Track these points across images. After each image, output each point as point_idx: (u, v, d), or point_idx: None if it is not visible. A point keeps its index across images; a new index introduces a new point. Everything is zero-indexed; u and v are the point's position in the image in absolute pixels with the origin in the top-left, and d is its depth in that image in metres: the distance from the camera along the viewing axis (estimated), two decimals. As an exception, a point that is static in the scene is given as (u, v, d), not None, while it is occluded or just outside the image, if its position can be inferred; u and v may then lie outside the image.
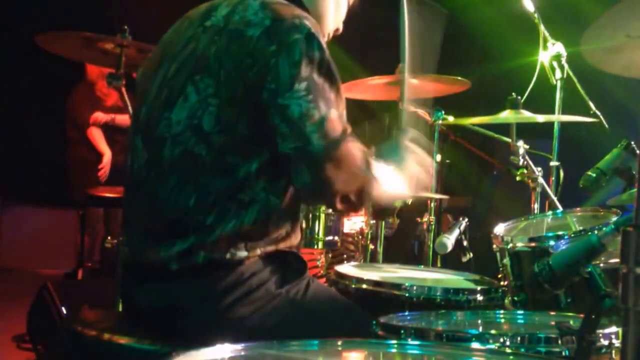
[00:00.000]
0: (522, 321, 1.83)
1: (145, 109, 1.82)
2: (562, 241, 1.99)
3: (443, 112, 3.36)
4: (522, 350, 1.44)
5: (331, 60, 1.71)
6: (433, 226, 3.40)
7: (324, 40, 1.72)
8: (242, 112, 1.66)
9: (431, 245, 3.32)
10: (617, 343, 1.42)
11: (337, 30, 2.00)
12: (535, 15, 3.15)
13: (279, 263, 1.77)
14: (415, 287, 2.01)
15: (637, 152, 2.53)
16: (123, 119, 5.33)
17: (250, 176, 1.68)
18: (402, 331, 1.52)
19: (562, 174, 3.28)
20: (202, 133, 1.68)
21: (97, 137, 5.55)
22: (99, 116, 5.51)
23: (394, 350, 1.33)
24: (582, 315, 1.37)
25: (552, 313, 1.79)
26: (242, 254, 1.70)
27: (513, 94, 2.92)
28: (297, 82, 1.63)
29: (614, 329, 1.43)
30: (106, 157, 5.52)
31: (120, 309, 2.81)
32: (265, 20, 1.68)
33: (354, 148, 1.72)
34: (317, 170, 1.66)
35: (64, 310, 3.08)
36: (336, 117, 1.69)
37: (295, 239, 1.83)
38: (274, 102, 1.64)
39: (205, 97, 1.68)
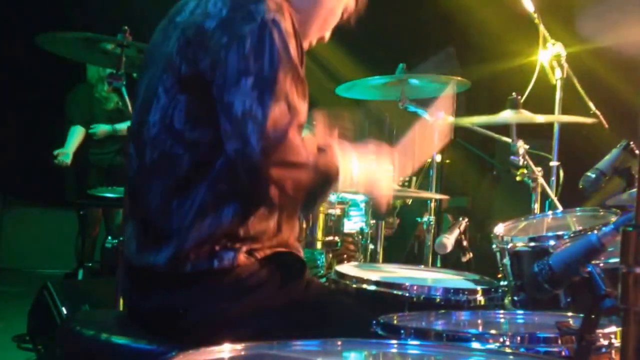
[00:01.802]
0: (522, 321, 1.83)
1: (135, 114, 1.84)
2: (561, 241, 1.99)
3: (443, 112, 3.36)
4: (522, 350, 1.44)
5: (290, 43, 1.63)
6: (433, 226, 3.40)
7: (286, 24, 1.65)
8: (210, 106, 1.63)
9: (431, 245, 3.32)
10: (616, 343, 1.42)
11: (321, 38, 1.94)
12: (535, 15, 3.15)
13: (277, 264, 1.76)
14: (415, 287, 2.01)
15: (637, 152, 2.53)
16: (123, 128, 5.31)
17: (226, 166, 1.66)
18: (402, 331, 1.52)
19: (562, 174, 3.28)
20: (175, 132, 1.68)
21: (76, 135, 5.46)
22: (101, 130, 5.48)
23: (394, 350, 1.33)
24: (581, 315, 1.37)
25: (552, 313, 1.79)
26: (228, 256, 1.68)
27: (513, 93, 2.92)
28: (244, 76, 1.59)
29: (613, 328, 1.43)
30: (64, 154, 5.38)
31: (121, 308, 2.82)
32: (222, 11, 1.66)
33: (297, 140, 1.62)
34: (253, 174, 1.60)
35: (64, 310, 3.08)
36: (282, 112, 1.60)
37: (289, 237, 1.80)
38: (220, 98, 1.61)
39: (173, 95, 1.68)
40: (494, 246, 2.22)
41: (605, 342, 1.41)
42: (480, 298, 2.02)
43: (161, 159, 1.70)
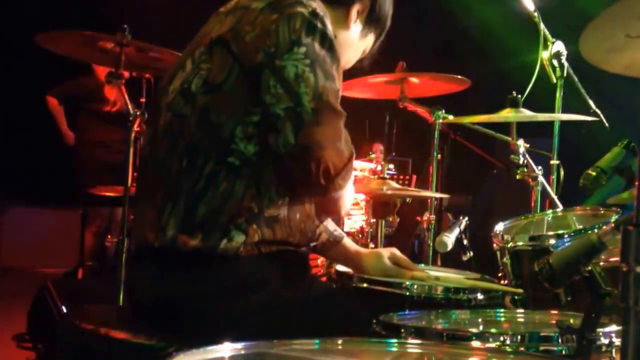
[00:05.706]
0: (522, 320, 1.83)
1: (157, 94, 1.88)
2: (562, 240, 1.99)
3: (443, 111, 3.36)
4: (522, 349, 1.44)
5: (334, 41, 1.72)
6: (433, 225, 3.40)
7: (329, 23, 1.73)
8: (232, 74, 1.68)
9: (431, 244, 3.32)
10: (617, 342, 1.42)
11: None
12: (535, 14, 3.15)
13: (281, 262, 1.75)
14: (415, 286, 2.00)
15: (638, 150, 2.52)
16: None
17: (236, 137, 1.67)
18: (402, 330, 1.51)
19: (562, 172, 3.28)
20: (189, 95, 1.71)
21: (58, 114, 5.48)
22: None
23: (394, 349, 1.33)
24: (582, 314, 1.37)
25: (552, 312, 1.79)
26: (240, 237, 1.67)
27: (513, 92, 2.91)
28: (297, 46, 1.65)
29: (614, 327, 1.43)
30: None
31: (121, 303, 2.82)
32: None
33: (342, 128, 1.70)
34: (302, 130, 1.64)
35: (64, 309, 3.08)
36: (333, 90, 1.68)
37: (299, 235, 1.79)
38: (270, 63, 1.65)
39: (198, 63, 1.73)
40: (494, 245, 2.22)
41: (606, 341, 1.41)
42: (480, 297, 2.02)
43: (172, 120, 1.74)
